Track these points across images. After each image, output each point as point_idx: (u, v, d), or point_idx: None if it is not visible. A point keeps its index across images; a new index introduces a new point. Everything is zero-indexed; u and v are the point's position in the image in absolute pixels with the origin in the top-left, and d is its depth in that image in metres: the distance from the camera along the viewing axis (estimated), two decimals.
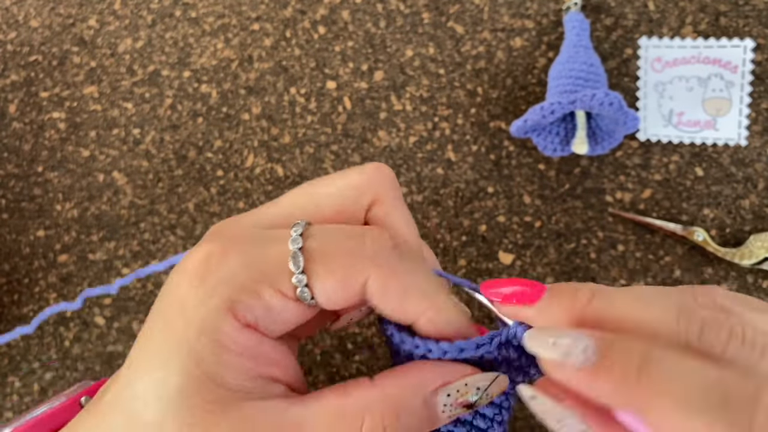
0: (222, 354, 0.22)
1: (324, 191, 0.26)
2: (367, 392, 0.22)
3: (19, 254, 0.49)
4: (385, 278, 0.23)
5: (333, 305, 0.24)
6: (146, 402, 0.21)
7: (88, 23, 0.53)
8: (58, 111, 0.51)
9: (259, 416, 0.21)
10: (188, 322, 0.22)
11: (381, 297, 0.24)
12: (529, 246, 0.44)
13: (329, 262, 0.23)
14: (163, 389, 0.21)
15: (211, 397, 0.21)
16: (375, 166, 0.27)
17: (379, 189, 0.26)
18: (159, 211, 0.48)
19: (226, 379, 0.22)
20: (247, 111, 0.49)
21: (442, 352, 0.24)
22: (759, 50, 0.44)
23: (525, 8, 0.48)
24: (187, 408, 0.21)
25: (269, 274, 0.23)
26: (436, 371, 0.23)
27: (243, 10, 0.51)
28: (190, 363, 0.21)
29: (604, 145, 0.43)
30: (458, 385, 0.23)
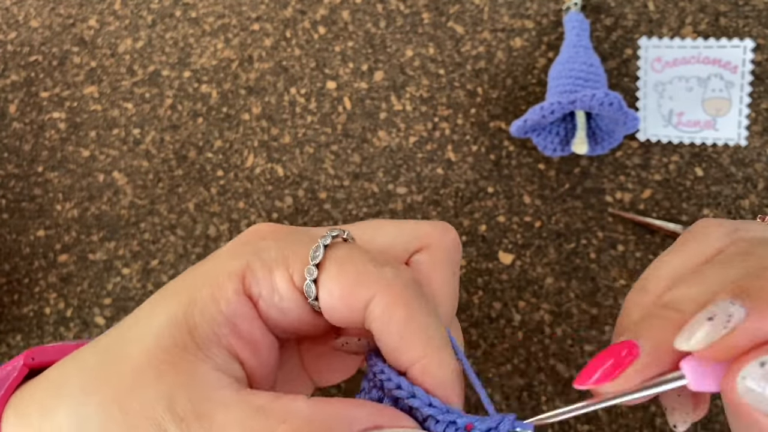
0: (211, 309, 0.22)
1: (386, 227, 0.26)
2: (295, 404, 0.21)
3: (19, 254, 0.49)
4: (391, 303, 0.22)
5: (333, 312, 0.23)
6: (132, 329, 0.23)
7: (88, 23, 0.53)
8: (58, 111, 0.51)
9: (198, 382, 0.21)
10: (207, 272, 0.23)
11: (382, 322, 0.22)
12: (529, 246, 0.44)
13: (343, 266, 0.23)
14: (149, 321, 0.23)
15: (179, 340, 0.22)
16: (442, 223, 0.27)
17: (433, 239, 0.26)
18: (159, 211, 0.48)
19: (200, 333, 0.22)
20: (247, 111, 0.49)
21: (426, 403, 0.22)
22: (759, 50, 0.44)
23: (525, 8, 0.48)
24: (154, 342, 0.22)
25: (288, 258, 0.23)
26: (373, 411, 0.22)
27: (243, 10, 0.51)
28: (182, 306, 0.23)
29: (604, 145, 0.43)
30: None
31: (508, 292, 0.44)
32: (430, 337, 0.22)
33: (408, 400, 0.22)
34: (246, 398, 0.22)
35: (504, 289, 0.44)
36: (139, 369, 0.22)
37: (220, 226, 0.47)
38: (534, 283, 0.44)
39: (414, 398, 0.22)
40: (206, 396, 0.21)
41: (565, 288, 0.43)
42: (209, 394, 0.21)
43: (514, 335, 0.43)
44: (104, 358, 0.23)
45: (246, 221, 0.47)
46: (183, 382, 0.21)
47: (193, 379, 0.21)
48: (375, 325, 0.23)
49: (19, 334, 0.47)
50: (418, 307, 0.23)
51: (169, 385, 0.21)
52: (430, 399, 0.22)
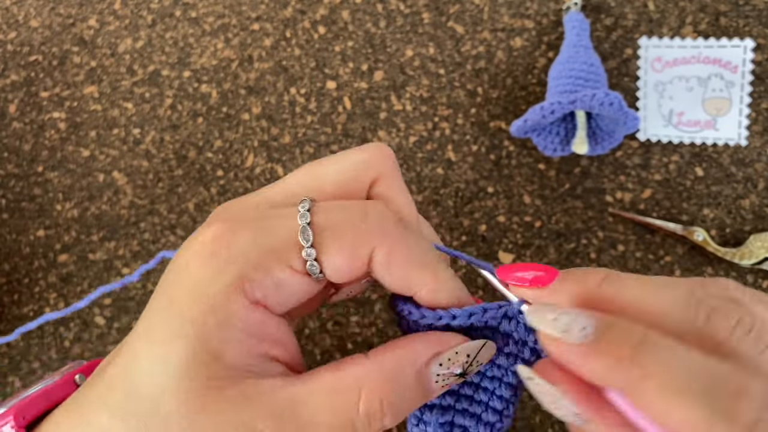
0: (227, 332, 0.22)
1: (327, 170, 0.27)
2: (361, 367, 0.23)
3: (19, 254, 0.49)
4: (390, 249, 0.24)
5: (341, 278, 0.24)
6: (149, 377, 0.22)
7: (88, 23, 0.53)
8: (58, 111, 0.51)
9: (257, 394, 0.21)
10: (196, 300, 0.22)
11: (385, 268, 0.24)
12: (529, 246, 0.44)
13: (338, 235, 0.23)
14: (166, 365, 0.21)
15: (211, 374, 0.21)
16: (376, 145, 0.28)
17: (380, 167, 0.27)
18: (159, 211, 0.48)
19: (228, 357, 0.22)
20: (247, 111, 0.49)
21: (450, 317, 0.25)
22: (759, 50, 0.44)
23: (525, 8, 0.48)
24: (187, 384, 0.21)
25: (279, 250, 0.23)
26: (427, 342, 0.24)
27: (243, 10, 0.51)
28: (195, 341, 0.22)
29: (604, 145, 0.43)
30: (450, 353, 0.24)
31: None
32: (426, 264, 0.25)
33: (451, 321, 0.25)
34: (314, 386, 0.22)
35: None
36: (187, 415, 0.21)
37: None
38: None
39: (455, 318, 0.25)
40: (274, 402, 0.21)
41: None
42: (275, 399, 0.21)
43: None
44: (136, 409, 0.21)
45: None
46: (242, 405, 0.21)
47: (250, 397, 0.21)
48: (380, 270, 0.24)
49: None
50: (410, 244, 0.25)
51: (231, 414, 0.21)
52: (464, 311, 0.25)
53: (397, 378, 0.23)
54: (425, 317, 0.25)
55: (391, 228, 0.24)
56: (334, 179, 0.26)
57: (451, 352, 0.24)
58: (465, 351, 0.24)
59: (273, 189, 0.26)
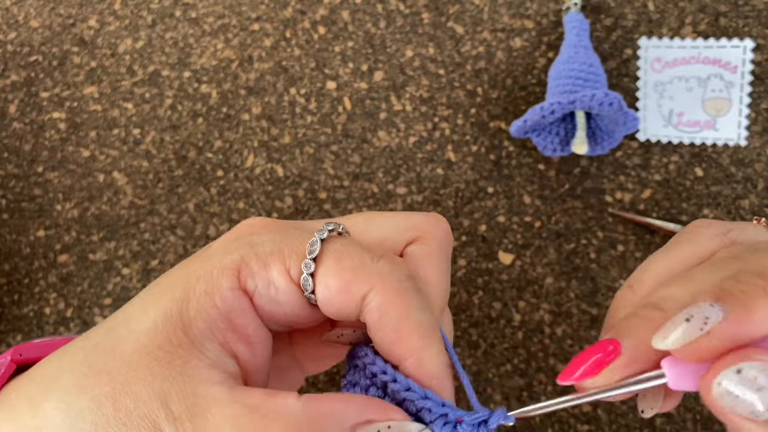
0: (206, 305, 0.22)
1: (378, 219, 0.27)
2: (288, 403, 0.21)
3: (19, 254, 0.49)
4: (387, 298, 0.23)
5: (329, 305, 0.24)
6: (126, 324, 0.23)
7: (88, 23, 0.53)
8: (58, 111, 0.51)
9: (191, 379, 0.22)
10: (199, 268, 0.23)
11: (377, 317, 0.23)
12: (529, 246, 0.44)
13: (341, 260, 0.23)
14: (142, 317, 0.23)
15: (170, 338, 0.22)
16: (434, 215, 0.27)
17: (426, 231, 0.26)
18: (159, 211, 0.48)
19: (194, 329, 0.22)
20: (247, 111, 0.49)
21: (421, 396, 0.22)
22: (759, 50, 0.44)
23: (525, 8, 0.48)
24: (147, 339, 0.22)
25: (284, 252, 0.23)
26: (363, 406, 0.22)
27: (243, 10, 0.51)
28: (177, 302, 0.23)
29: (604, 145, 0.43)
30: (381, 425, 0.22)
31: (508, 292, 0.44)
32: (425, 332, 0.23)
33: (403, 392, 0.23)
34: (240, 397, 0.22)
35: (504, 289, 0.44)
36: (133, 365, 0.22)
37: (220, 226, 0.47)
38: (534, 283, 0.44)
39: (409, 391, 0.22)
40: (200, 394, 0.21)
41: (565, 288, 0.43)
42: (203, 391, 0.21)
43: (514, 335, 0.43)
44: (97, 354, 0.23)
45: None
46: (177, 379, 0.21)
47: (187, 376, 0.22)
48: (370, 317, 0.23)
49: (19, 334, 0.47)
50: (413, 302, 0.23)
51: (163, 382, 0.21)
52: (426, 392, 0.22)
53: (314, 428, 0.21)
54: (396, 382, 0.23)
55: (397, 280, 0.23)
56: (377, 229, 0.26)
57: (383, 425, 0.22)
58: (398, 429, 0.22)
59: (324, 220, 0.27)
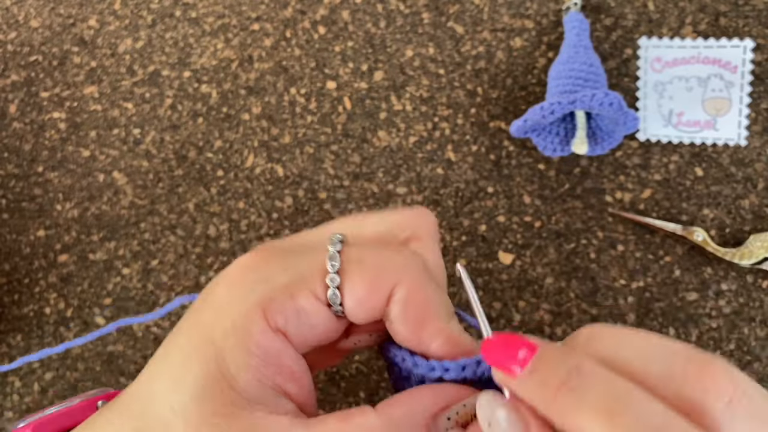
0: (244, 356, 0.22)
1: (366, 221, 0.27)
2: (368, 418, 0.22)
3: (19, 254, 0.49)
4: (412, 289, 0.24)
5: (359, 312, 0.24)
6: (163, 396, 0.22)
7: (88, 23, 0.53)
8: (58, 111, 0.51)
9: (263, 429, 0.21)
10: (218, 319, 0.22)
11: (402, 308, 0.24)
12: (529, 246, 0.44)
13: (364, 265, 0.24)
14: (180, 385, 0.21)
15: (224, 400, 0.21)
16: (420, 209, 0.28)
17: (417, 228, 0.27)
18: (159, 211, 0.48)
19: (241, 383, 0.22)
20: (247, 111, 0.49)
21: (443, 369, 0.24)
22: (759, 50, 0.44)
23: (525, 8, 0.48)
24: (199, 408, 0.21)
25: (305, 277, 0.23)
26: (436, 395, 0.23)
27: (243, 10, 0.51)
28: (211, 362, 0.22)
29: (604, 145, 0.43)
30: (458, 407, 0.23)
31: (508, 292, 0.44)
32: (443, 316, 0.24)
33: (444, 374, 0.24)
34: (315, 428, 0.21)
35: (504, 289, 0.44)
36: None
37: (220, 226, 0.47)
38: (534, 283, 0.44)
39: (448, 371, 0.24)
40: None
41: (565, 288, 0.43)
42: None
43: None
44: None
45: (246, 221, 0.47)
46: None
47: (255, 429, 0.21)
48: (397, 309, 0.24)
49: (19, 334, 0.47)
50: (432, 290, 0.24)
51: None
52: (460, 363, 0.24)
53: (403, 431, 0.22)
54: (418, 366, 0.24)
55: (416, 269, 0.24)
56: (374, 229, 0.27)
57: (459, 405, 0.23)
58: (473, 403, 0.23)
59: (312, 232, 0.27)
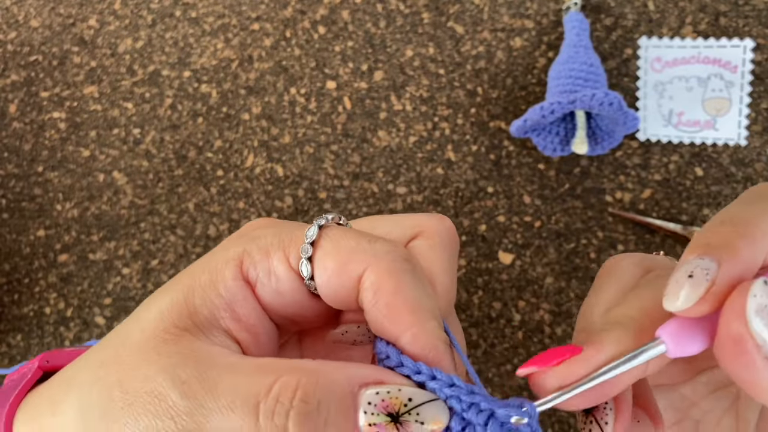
0: (211, 294, 0.23)
1: (381, 221, 0.28)
2: (301, 361, 0.22)
3: (19, 254, 0.49)
4: (382, 275, 0.23)
5: (329, 290, 0.24)
6: (135, 320, 0.24)
7: (88, 23, 0.53)
8: (58, 111, 0.51)
9: (199, 352, 0.22)
10: (202, 263, 0.24)
11: (371, 295, 0.23)
12: (529, 246, 0.44)
13: (337, 242, 0.24)
14: (150, 308, 0.24)
15: (179, 323, 0.23)
16: (439, 215, 0.28)
17: (430, 228, 0.27)
18: (159, 211, 0.48)
19: (199, 315, 0.23)
20: (247, 111, 0.49)
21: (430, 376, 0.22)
22: (759, 50, 0.44)
23: (525, 8, 0.48)
24: (155, 324, 0.23)
25: (284, 242, 0.24)
26: (375, 370, 0.22)
27: (243, 10, 0.51)
28: (183, 292, 0.24)
29: (604, 145, 0.43)
30: (391, 387, 0.22)
31: (508, 291, 0.44)
32: (417, 308, 0.23)
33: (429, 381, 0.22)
34: (250, 359, 0.22)
35: (504, 288, 0.44)
36: (141, 351, 0.22)
37: (220, 226, 0.47)
38: (534, 283, 0.44)
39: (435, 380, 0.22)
40: (208, 363, 0.22)
41: (565, 288, 0.43)
42: (211, 360, 0.22)
43: (514, 335, 0.43)
44: (107, 350, 0.24)
45: (246, 221, 0.47)
46: (184, 354, 0.22)
47: (195, 351, 0.22)
48: (365, 297, 0.23)
49: (19, 333, 0.47)
50: (407, 281, 0.23)
51: (170, 359, 0.22)
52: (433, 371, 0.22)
53: (326, 381, 0.21)
54: (402, 366, 0.22)
55: (391, 260, 0.23)
56: (384, 226, 0.27)
57: (393, 387, 0.22)
58: (408, 394, 0.22)
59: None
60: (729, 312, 0.20)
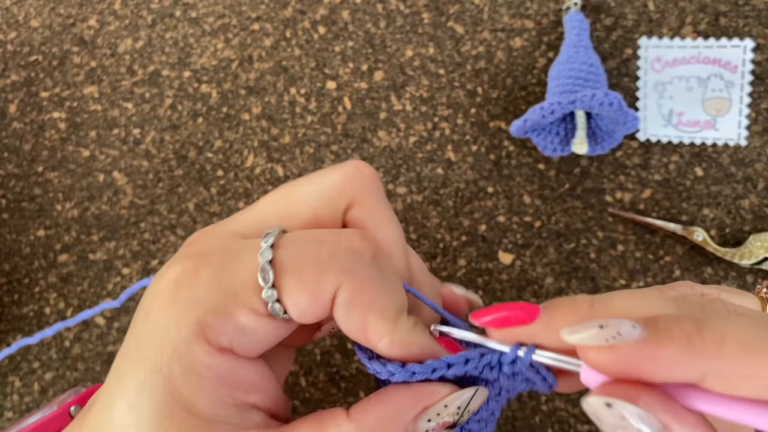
0: (195, 381, 0.21)
1: (300, 193, 0.25)
2: (341, 427, 0.21)
3: (19, 254, 0.49)
4: (354, 292, 0.22)
5: (307, 318, 0.23)
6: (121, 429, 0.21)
7: (88, 23, 0.53)
8: (58, 111, 0.51)
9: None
10: (160, 348, 0.21)
11: (345, 312, 0.22)
12: (529, 246, 0.44)
13: (300, 273, 0.22)
14: (139, 417, 0.21)
15: (185, 427, 0.20)
16: (353, 164, 0.26)
17: (355, 190, 0.25)
18: (159, 211, 0.48)
19: (200, 408, 0.21)
20: (247, 111, 0.49)
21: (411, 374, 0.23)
22: (759, 50, 0.44)
23: (525, 8, 0.48)
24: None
25: (239, 293, 0.22)
26: (413, 397, 0.22)
27: (243, 10, 0.51)
28: (164, 391, 0.21)
29: (604, 145, 0.43)
30: (438, 408, 0.22)
31: (508, 292, 0.44)
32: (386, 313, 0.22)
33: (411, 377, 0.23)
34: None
35: (504, 289, 0.44)
36: None
37: None
38: (534, 283, 0.44)
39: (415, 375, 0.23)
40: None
41: (565, 288, 0.43)
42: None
43: None
44: None
45: None
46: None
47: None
48: (340, 311, 0.22)
49: (19, 333, 0.47)
50: (377, 290, 0.22)
51: None
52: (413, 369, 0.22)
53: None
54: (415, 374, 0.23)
55: (360, 266, 0.22)
56: (308, 204, 0.25)
57: (440, 405, 0.22)
58: (455, 402, 0.22)
59: (245, 216, 0.25)
60: (591, 393, 0.20)
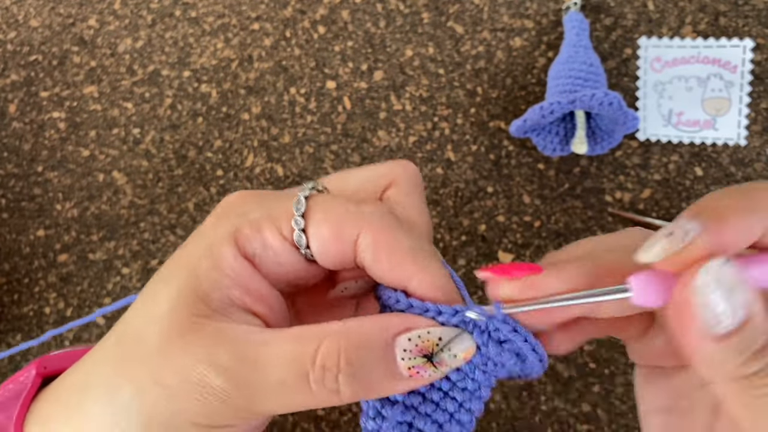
0: (217, 276, 0.24)
1: (353, 174, 0.28)
2: (330, 324, 0.23)
3: (19, 254, 0.49)
4: (376, 234, 0.24)
5: (326, 256, 0.25)
6: (139, 316, 0.24)
7: (88, 23, 0.53)
8: (58, 111, 0.51)
9: (229, 336, 0.23)
10: (198, 245, 0.24)
11: (371, 253, 0.24)
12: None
13: (327, 211, 0.25)
14: (156, 302, 0.24)
15: (194, 311, 0.23)
16: (402, 160, 0.29)
17: (397, 175, 0.28)
18: (159, 211, 0.48)
19: (212, 300, 0.23)
20: (247, 111, 0.49)
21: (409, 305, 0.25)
22: (758, 50, 0.44)
23: (525, 8, 0.48)
24: (170, 318, 0.23)
25: (274, 215, 0.25)
26: (401, 318, 0.24)
27: (243, 10, 0.51)
28: (188, 280, 0.23)
29: (604, 145, 0.43)
30: (421, 331, 0.24)
31: None
32: (417, 254, 0.25)
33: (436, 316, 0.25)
34: (280, 333, 0.23)
35: None
36: (164, 347, 0.22)
37: None
38: None
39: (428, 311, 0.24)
40: (242, 343, 0.22)
41: None
42: (244, 339, 0.23)
43: None
44: (122, 348, 0.24)
45: None
46: (214, 340, 0.22)
47: (224, 336, 0.23)
48: (366, 257, 0.25)
49: (19, 333, 0.47)
50: (400, 233, 0.25)
51: (201, 349, 0.22)
52: (439, 307, 0.24)
53: (361, 339, 0.23)
54: (413, 307, 0.25)
55: (380, 217, 0.25)
56: (355, 183, 0.28)
57: (423, 331, 0.24)
58: (437, 334, 0.24)
59: (294, 188, 0.28)
60: (685, 276, 0.20)
